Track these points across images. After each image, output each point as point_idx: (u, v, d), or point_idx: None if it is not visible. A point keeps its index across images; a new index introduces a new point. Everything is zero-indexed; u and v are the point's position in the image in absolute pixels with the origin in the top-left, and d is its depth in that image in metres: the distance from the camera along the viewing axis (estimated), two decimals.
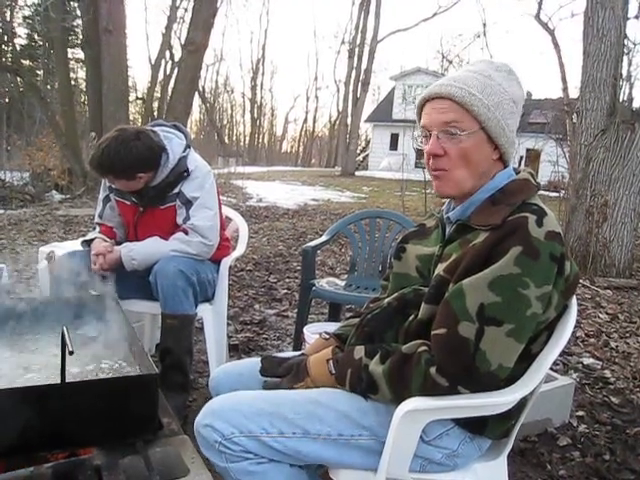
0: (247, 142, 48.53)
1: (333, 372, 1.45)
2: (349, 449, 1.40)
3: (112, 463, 1.44)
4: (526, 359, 1.35)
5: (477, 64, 1.44)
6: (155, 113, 17.49)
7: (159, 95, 21.99)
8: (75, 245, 3.12)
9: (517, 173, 1.43)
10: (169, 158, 2.37)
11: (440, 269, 1.38)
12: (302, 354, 1.62)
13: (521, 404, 1.41)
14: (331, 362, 1.46)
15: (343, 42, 37.59)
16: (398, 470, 1.38)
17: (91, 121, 12.56)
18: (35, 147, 13.25)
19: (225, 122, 48.31)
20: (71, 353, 1.24)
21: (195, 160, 2.46)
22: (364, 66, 25.67)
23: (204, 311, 2.54)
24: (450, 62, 16.15)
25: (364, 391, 1.39)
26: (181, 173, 2.39)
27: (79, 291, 2.21)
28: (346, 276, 3.57)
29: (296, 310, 4.28)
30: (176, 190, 2.40)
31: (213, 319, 2.60)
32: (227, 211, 2.94)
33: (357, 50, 27.19)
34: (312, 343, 1.69)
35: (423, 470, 1.42)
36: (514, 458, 2.30)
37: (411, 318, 1.43)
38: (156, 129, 2.45)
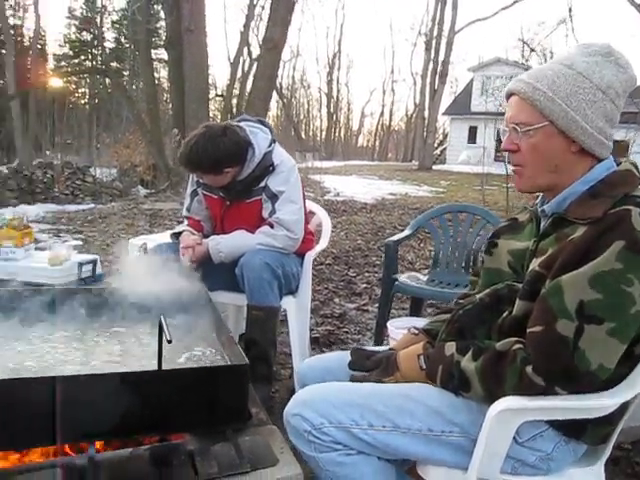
0: (324, 137, 48.79)
1: (424, 368, 1.43)
2: (439, 445, 1.38)
3: (204, 449, 1.49)
4: (629, 361, 1.29)
5: (570, 50, 1.40)
6: (234, 110, 17.85)
7: (238, 92, 22.46)
8: (164, 237, 3.24)
9: (618, 164, 1.37)
10: (255, 153, 2.41)
11: (535, 264, 1.34)
12: (391, 349, 1.61)
13: (623, 408, 1.34)
14: (422, 357, 1.45)
15: (420, 34, 37.03)
16: (489, 470, 1.34)
17: (174, 118, 12.98)
18: (122, 144, 13.83)
19: (302, 117, 48.74)
20: (169, 342, 1.28)
21: (280, 154, 2.49)
22: (441, 58, 25.23)
23: (288, 304, 2.57)
24: (532, 50, 15.59)
25: (456, 388, 1.36)
26: (267, 167, 2.43)
27: (170, 282, 2.29)
28: (426, 271, 3.52)
29: (376, 305, 4.27)
30: (262, 184, 2.44)
31: (296, 312, 2.63)
32: (310, 205, 2.96)
33: (434, 42, 26.77)
34: (401, 338, 1.67)
35: (515, 472, 1.37)
36: (606, 466, 2.19)
37: (505, 315, 1.39)
38: (242, 124, 2.49)
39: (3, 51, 22.26)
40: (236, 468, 1.42)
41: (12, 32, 23.09)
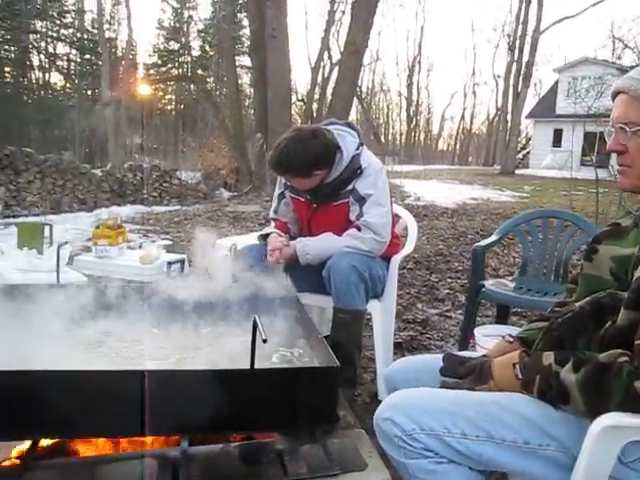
0: (403, 141, 48.42)
1: (520, 377, 1.38)
2: (535, 459, 1.32)
3: (293, 449, 1.51)
4: None
5: None
6: (314, 114, 18.04)
7: (318, 97, 22.68)
8: (251, 239, 3.31)
9: None
10: (343, 156, 2.42)
11: None
12: (484, 356, 1.57)
13: None
14: (517, 366, 1.40)
15: (503, 35, 36.09)
16: None
17: (257, 123, 13.28)
18: (207, 148, 14.27)
19: (381, 121, 48.58)
20: (264, 341, 1.29)
21: (368, 157, 2.49)
22: (525, 59, 24.49)
23: (373, 307, 2.56)
24: (626, 46, 14.84)
25: (553, 400, 1.31)
26: (355, 170, 2.43)
27: (258, 282, 2.34)
28: (510, 278, 3.42)
29: (459, 311, 4.20)
30: (349, 187, 2.45)
31: (381, 316, 2.62)
32: (395, 208, 2.94)
33: (518, 42, 26.02)
34: (494, 346, 1.63)
35: None
36: None
37: (607, 325, 1.32)
38: (330, 127, 2.51)
39: (99, 62, 23.54)
40: (325, 470, 1.43)
41: (107, 44, 24.37)
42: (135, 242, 6.34)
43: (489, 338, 2.49)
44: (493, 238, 3.27)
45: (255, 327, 1.36)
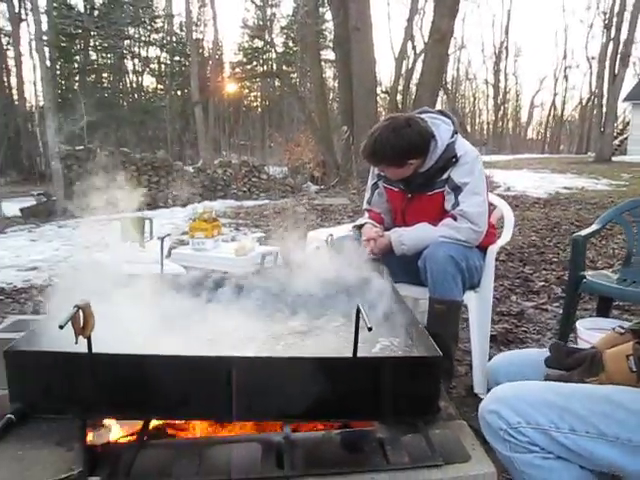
0: (490, 130, 47.07)
1: (634, 370, 1.32)
2: None
3: (394, 439, 1.51)
4: None
5: None
6: (399, 106, 17.86)
7: (402, 88, 22.44)
8: (344, 231, 3.34)
9: None
10: (437, 144, 2.39)
11: None
12: (592, 347, 1.52)
13: None
14: (632, 359, 1.34)
15: (597, 13, 34.23)
16: None
17: (342, 116, 13.31)
18: (293, 143, 14.47)
19: (467, 111, 47.44)
20: (370, 329, 1.30)
21: (463, 145, 2.44)
22: (623, 37, 23.07)
23: (469, 299, 2.52)
24: None
25: None
26: (450, 159, 2.40)
27: (354, 273, 2.36)
28: (610, 270, 3.26)
29: (555, 304, 4.06)
30: (444, 176, 2.42)
31: (477, 307, 2.57)
32: (490, 197, 2.87)
33: (615, 20, 24.55)
34: (604, 337, 1.56)
35: None
36: None
37: None
38: (423, 116, 2.48)
39: (188, 63, 24.37)
40: (428, 460, 1.42)
41: (195, 45, 25.17)
42: (227, 235, 6.53)
43: (593, 331, 2.39)
44: (594, 227, 3.13)
45: (358, 315, 1.38)
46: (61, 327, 1.27)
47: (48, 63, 10.72)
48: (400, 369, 1.46)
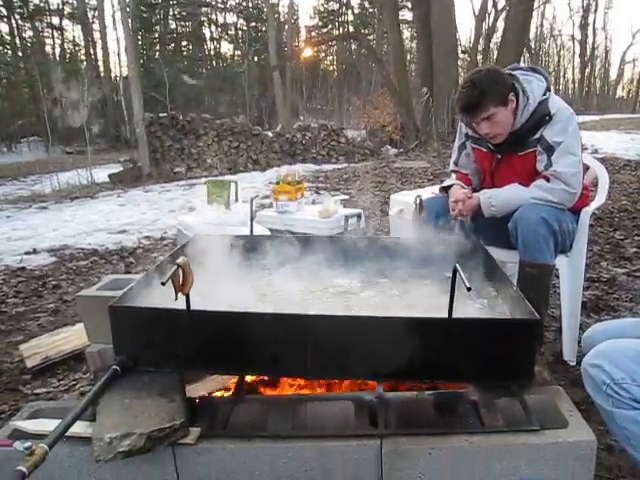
0: (576, 89, 44.68)
1: None
2: None
3: (488, 401, 1.50)
4: None
5: None
6: (480, 65, 17.22)
7: (482, 48, 21.60)
8: (427, 193, 3.30)
9: None
10: (529, 101, 2.29)
11: None
12: None
13: None
14: None
15: None
16: None
17: (422, 77, 13.00)
18: (371, 106, 14.28)
19: (551, 69, 45.12)
20: (469, 289, 1.29)
21: (556, 103, 2.33)
22: None
23: (560, 263, 2.43)
24: None
25: None
26: (542, 117, 2.30)
27: (444, 235, 2.33)
28: None
29: None
30: (536, 135, 2.32)
31: (569, 272, 2.48)
32: (584, 158, 2.74)
33: None
34: None
35: None
36: None
37: None
38: (515, 72, 2.38)
39: (263, 28, 24.37)
40: (524, 424, 1.41)
41: (271, 10, 25.07)
42: (308, 199, 6.58)
43: None
44: None
45: (455, 275, 1.36)
46: (163, 284, 1.33)
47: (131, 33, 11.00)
48: (496, 332, 1.44)
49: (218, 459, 1.39)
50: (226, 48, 34.39)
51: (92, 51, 26.34)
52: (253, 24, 30.28)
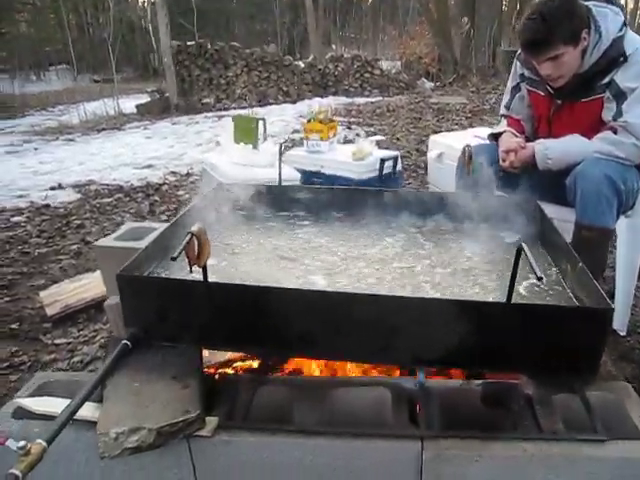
0: None
1: None
2: None
3: (545, 397, 1.30)
4: None
5: None
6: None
7: None
8: (467, 137, 3.03)
9: None
10: (602, 39, 1.98)
11: None
12: None
13: None
14: None
15: None
16: None
17: (463, 6, 12.27)
18: (408, 36, 13.61)
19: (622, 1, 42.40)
20: (540, 279, 1.07)
21: (634, 41, 2.01)
22: None
23: (619, 225, 2.17)
24: None
25: None
26: (615, 58, 1.99)
27: (492, 189, 2.10)
28: None
29: None
30: (606, 79, 2.01)
31: (628, 234, 2.23)
32: None
33: None
34: None
35: None
36: None
37: None
38: (587, 3, 2.06)
39: None
40: (587, 431, 1.20)
41: None
42: (340, 134, 6.30)
43: None
44: None
45: (519, 256, 1.15)
46: (173, 259, 1.15)
47: None
48: (561, 321, 1.22)
49: (239, 452, 1.24)
50: None
51: None
52: None
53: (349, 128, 6.96)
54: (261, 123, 3.58)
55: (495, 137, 2.36)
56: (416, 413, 1.26)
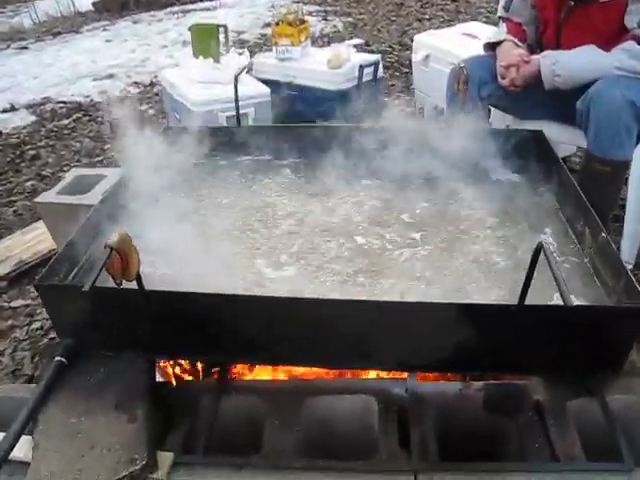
0: None
1: None
2: None
3: (557, 401, 1.08)
4: None
5: None
6: None
7: None
8: (457, 43, 2.67)
9: None
10: None
11: None
12: None
13: None
14: None
15: None
16: None
17: None
18: None
19: None
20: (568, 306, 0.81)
21: None
22: None
23: (635, 153, 1.88)
24: None
25: None
26: None
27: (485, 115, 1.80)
28: None
29: None
30: None
31: None
32: None
33: None
34: None
35: None
36: None
37: None
38: None
39: None
40: (610, 454, 0.96)
41: None
42: (315, 27, 5.77)
43: None
44: None
45: (537, 255, 0.88)
46: (89, 289, 0.87)
47: None
48: (583, 323, 0.98)
49: None
50: None
51: None
52: None
53: (325, 19, 6.37)
54: (222, 31, 3.14)
55: (492, 47, 2.00)
56: (408, 432, 1.04)
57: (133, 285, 1.02)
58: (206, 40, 3.11)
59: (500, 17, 2.10)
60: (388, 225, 1.43)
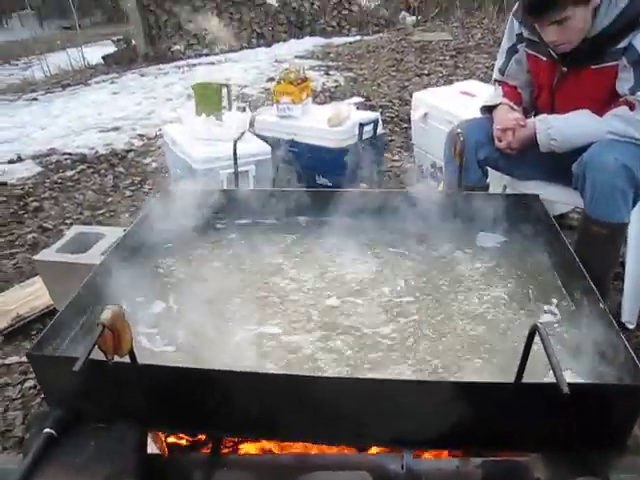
0: None
1: None
2: None
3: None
4: None
5: None
6: None
7: None
8: (455, 102, 2.71)
9: None
10: None
11: None
12: None
13: None
14: None
15: None
16: None
17: None
18: None
19: None
20: (564, 395, 0.80)
21: None
22: None
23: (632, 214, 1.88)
24: None
25: None
26: (633, 19, 1.65)
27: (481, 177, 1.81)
28: None
29: None
30: (622, 44, 1.68)
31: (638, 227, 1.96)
32: None
33: None
34: None
35: None
36: None
37: None
38: None
39: None
40: None
41: None
42: (318, 81, 5.89)
43: None
44: None
45: (532, 336, 0.87)
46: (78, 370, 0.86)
47: None
48: (582, 400, 0.96)
49: None
50: None
51: None
52: None
53: (327, 74, 6.51)
54: (224, 90, 3.21)
55: (489, 109, 2.03)
56: None
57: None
58: (209, 98, 3.17)
59: (496, 80, 2.14)
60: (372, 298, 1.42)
